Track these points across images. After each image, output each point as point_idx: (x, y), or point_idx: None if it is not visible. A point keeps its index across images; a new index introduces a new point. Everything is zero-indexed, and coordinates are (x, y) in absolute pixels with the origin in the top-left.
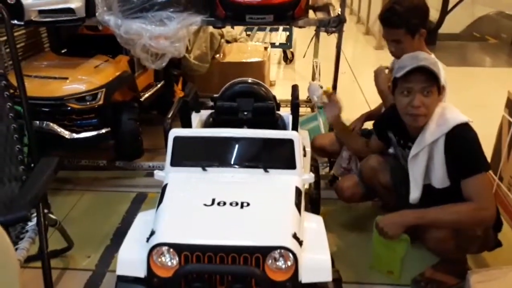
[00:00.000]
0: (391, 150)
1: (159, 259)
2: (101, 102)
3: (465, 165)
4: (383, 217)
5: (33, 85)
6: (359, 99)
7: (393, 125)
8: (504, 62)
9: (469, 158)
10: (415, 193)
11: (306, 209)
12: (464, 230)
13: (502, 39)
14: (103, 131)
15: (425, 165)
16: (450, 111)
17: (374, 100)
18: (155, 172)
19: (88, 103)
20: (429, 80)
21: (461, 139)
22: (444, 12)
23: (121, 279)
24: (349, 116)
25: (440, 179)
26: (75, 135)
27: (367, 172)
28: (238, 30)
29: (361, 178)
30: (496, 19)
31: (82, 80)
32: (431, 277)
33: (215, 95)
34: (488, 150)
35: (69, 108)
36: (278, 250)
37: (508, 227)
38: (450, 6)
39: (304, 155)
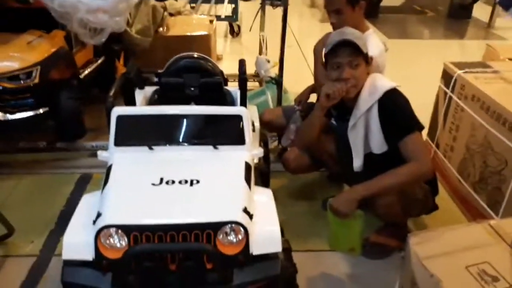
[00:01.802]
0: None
1: (107, 241)
2: (36, 80)
3: (399, 127)
4: (335, 198)
5: None
6: (306, 72)
7: None
8: (441, 34)
9: (402, 120)
10: (357, 162)
11: (257, 183)
12: (408, 194)
13: (439, 12)
14: (41, 111)
15: (364, 133)
16: (379, 79)
17: None
18: (99, 152)
19: (22, 81)
20: (355, 53)
21: (392, 103)
22: None
23: (68, 263)
24: (297, 89)
25: (378, 144)
26: (10, 116)
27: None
28: (182, 2)
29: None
30: None
31: (13, 57)
32: (375, 241)
33: (159, 71)
34: (426, 120)
35: (0, 87)
36: (229, 225)
37: (444, 191)
38: None
39: (253, 130)
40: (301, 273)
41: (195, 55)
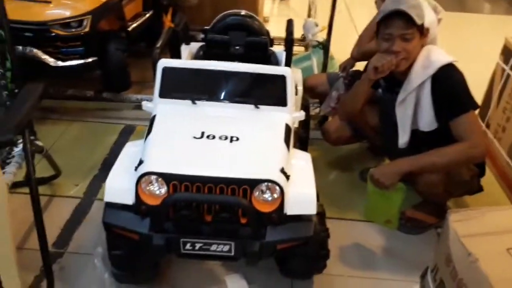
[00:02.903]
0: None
1: (148, 188)
2: (87, 29)
3: (453, 105)
4: (377, 168)
5: (14, 7)
6: (354, 39)
7: None
8: (503, 9)
9: (457, 98)
10: (403, 138)
11: (295, 147)
12: (454, 174)
13: None
14: (90, 60)
15: (413, 109)
16: (435, 53)
17: None
18: (143, 103)
19: (73, 29)
20: (408, 25)
21: (448, 80)
22: None
23: (109, 205)
24: (344, 56)
25: (427, 122)
26: (60, 63)
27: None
28: None
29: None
30: None
31: (66, 5)
32: (411, 216)
33: (206, 27)
34: (478, 98)
35: (53, 34)
36: (265, 183)
37: (490, 174)
38: None
39: (296, 94)
40: (333, 239)
41: (242, 13)
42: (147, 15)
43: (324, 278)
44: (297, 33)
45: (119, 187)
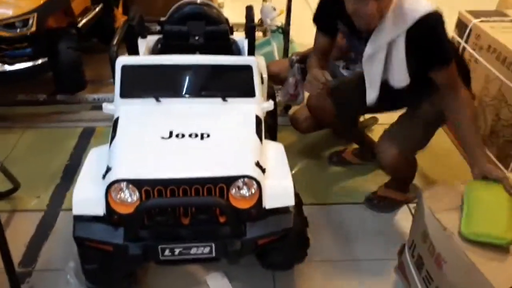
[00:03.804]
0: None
1: (118, 196)
2: (33, 29)
3: (434, 59)
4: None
5: None
6: (309, 19)
7: (341, 13)
8: None
9: (438, 51)
10: (371, 95)
11: (265, 138)
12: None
13: None
14: (39, 61)
15: (383, 65)
16: (409, 2)
17: None
18: (104, 105)
19: (18, 30)
20: None
21: (428, 30)
22: None
23: (79, 218)
24: (302, 39)
25: (400, 79)
26: (8, 67)
27: (313, 112)
28: None
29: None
30: None
31: (8, 3)
32: (383, 195)
33: (162, 19)
34: None
35: None
36: (242, 179)
37: (452, 145)
38: None
39: (262, 82)
40: (310, 226)
41: (199, 1)
42: (97, 9)
43: (305, 266)
44: (255, 18)
45: (87, 198)
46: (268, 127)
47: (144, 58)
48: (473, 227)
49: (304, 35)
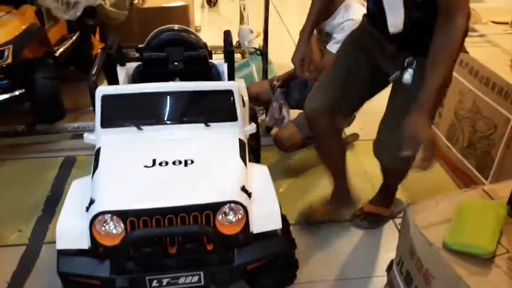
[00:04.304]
0: None
1: (103, 228)
2: (9, 60)
3: None
4: (407, 126)
5: None
6: (289, 41)
7: None
8: None
9: None
10: (395, 18)
11: (249, 160)
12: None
13: None
14: (16, 93)
15: None
16: None
17: None
18: (85, 135)
19: None
20: None
21: None
22: None
23: (63, 253)
24: (281, 60)
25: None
26: None
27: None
28: None
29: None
30: None
31: None
32: (368, 211)
33: (140, 45)
34: None
35: None
36: (228, 205)
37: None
38: None
39: (243, 105)
40: (298, 246)
41: (176, 27)
42: (74, 38)
43: (293, 287)
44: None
45: (71, 231)
46: (251, 149)
47: (123, 87)
48: (458, 237)
49: (282, 56)
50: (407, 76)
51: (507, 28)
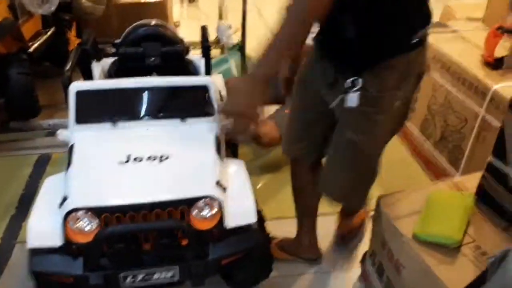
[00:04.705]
0: None
1: (76, 225)
2: None
3: None
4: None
5: None
6: (266, 35)
7: None
8: None
9: None
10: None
11: (226, 154)
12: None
13: None
14: None
15: None
16: None
17: None
18: (58, 132)
19: None
20: None
21: None
22: None
23: (35, 251)
24: (256, 55)
25: None
26: None
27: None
28: None
29: None
30: None
31: None
32: (347, 231)
33: (116, 41)
34: None
35: None
36: (203, 200)
37: (407, 151)
38: None
39: (221, 100)
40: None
41: (153, 22)
42: (49, 33)
43: (270, 282)
44: (211, 36)
45: (43, 229)
46: (229, 144)
47: (98, 82)
48: (426, 228)
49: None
50: (351, 97)
51: (480, 24)
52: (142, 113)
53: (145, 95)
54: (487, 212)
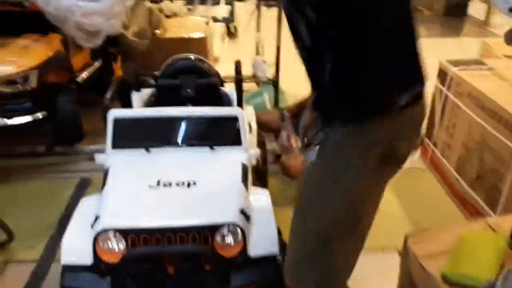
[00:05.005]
0: None
1: (105, 245)
2: (33, 85)
3: None
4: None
5: None
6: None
7: None
8: (437, 32)
9: None
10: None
11: (254, 184)
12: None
13: (435, 11)
14: (39, 115)
15: None
16: None
17: None
18: (96, 155)
19: (19, 86)
20: None
21: None
22: None
23: (67, 268)
24: (293, 90)
25: None
26: (7, 121)
27: None
28: (178, 4)
29: None
30: None
31: (10, 61)
32: None
33: (156, 73)
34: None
35: None
36: (227, 227)
37: (441, 189)
38: None
39: (250, 131)
40: None
41: (191, 57)
42: (96, 65)
43: None
44: (248, 71)
45: (75, 247)
46: (258, 174)
47: (134, 110)
48: (456, 268)
49: (294, 85)
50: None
51: None
52: (174, 140)
53: (177, 124)
54: None
